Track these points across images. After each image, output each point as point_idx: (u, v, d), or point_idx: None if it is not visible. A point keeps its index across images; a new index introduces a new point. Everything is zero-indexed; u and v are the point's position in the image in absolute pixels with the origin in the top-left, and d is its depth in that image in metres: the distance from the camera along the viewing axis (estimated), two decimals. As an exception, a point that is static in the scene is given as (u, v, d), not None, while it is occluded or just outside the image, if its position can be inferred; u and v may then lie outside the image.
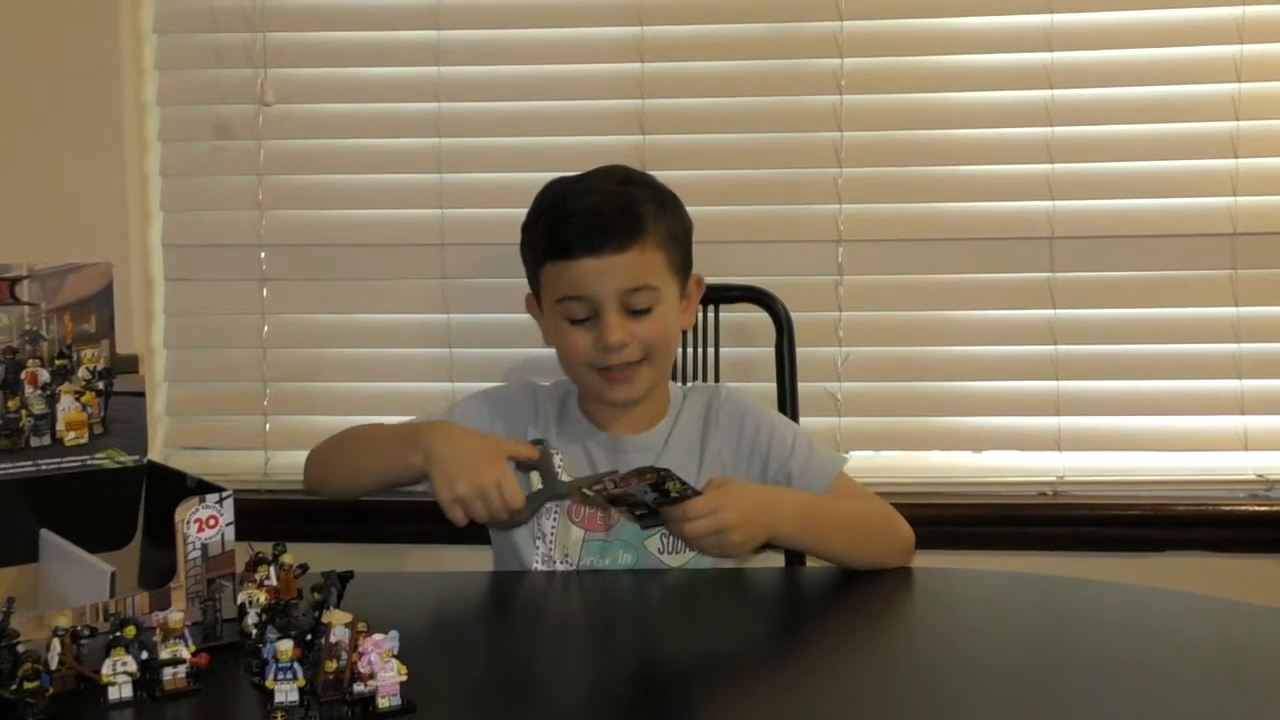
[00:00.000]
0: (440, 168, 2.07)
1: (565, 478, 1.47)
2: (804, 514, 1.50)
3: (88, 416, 1.36)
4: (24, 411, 1.33)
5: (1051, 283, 2.01)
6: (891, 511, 1.57)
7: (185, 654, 1.13)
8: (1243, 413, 1.99)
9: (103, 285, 1.36)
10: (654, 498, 1.37)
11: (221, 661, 1.17)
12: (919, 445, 2.10)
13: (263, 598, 1.24)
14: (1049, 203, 1.99)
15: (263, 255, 2.09)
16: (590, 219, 1.52)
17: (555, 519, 1.57)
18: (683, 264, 1.60)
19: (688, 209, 1.64)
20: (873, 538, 1.53)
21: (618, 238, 1.51)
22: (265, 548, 1.30)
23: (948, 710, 1.13)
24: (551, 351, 1.63)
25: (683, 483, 1.35)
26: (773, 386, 1.88)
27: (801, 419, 1.87)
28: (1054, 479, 2.02)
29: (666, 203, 1.59)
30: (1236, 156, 1.96)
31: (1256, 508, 1.98)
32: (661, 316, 1.55)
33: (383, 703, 1.07)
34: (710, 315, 1.89)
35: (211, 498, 1.23)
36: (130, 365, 1.39)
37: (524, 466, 1.46)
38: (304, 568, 1.29)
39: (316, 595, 1.21)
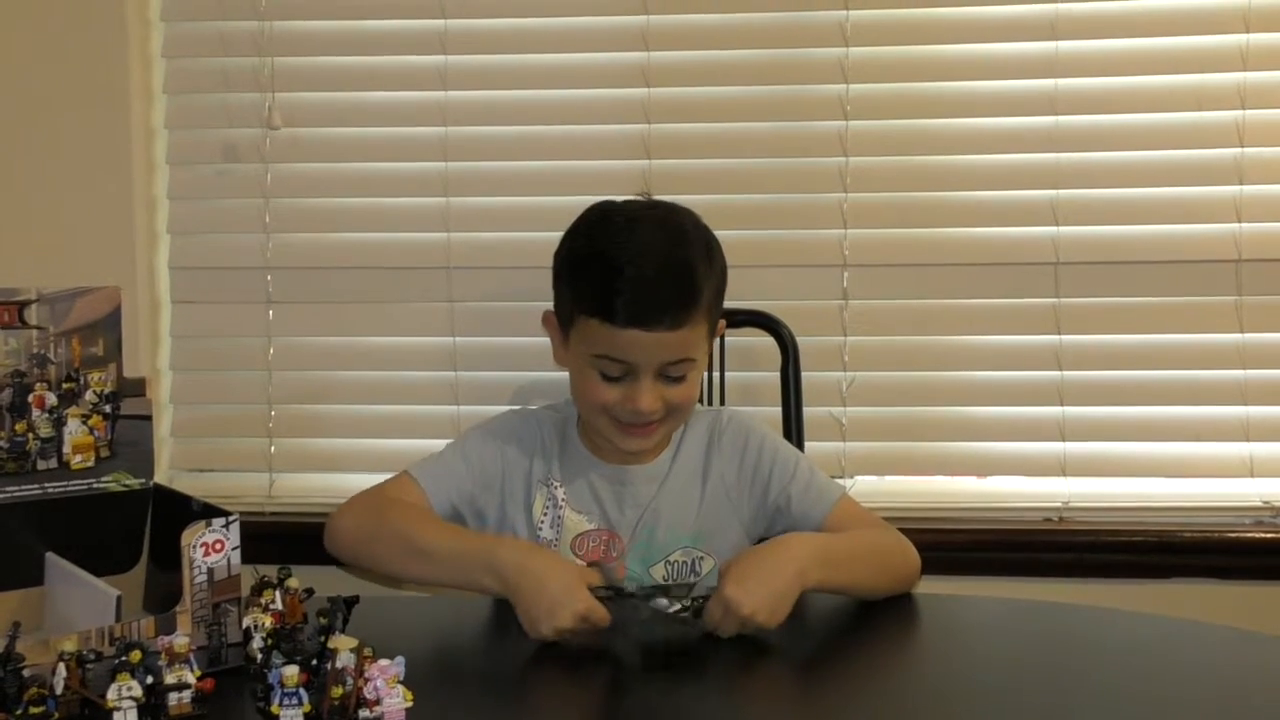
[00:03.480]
0: (447, 191, 2.07)
1: (629, 587, 1.43)
2: (822, 556, 1.44)
3: (94, 440, 1.36)
4: (31, 435, 1.33)
5: (1056, 308, 2.01)
6: (899, 536, 1.55)
7: (190, 679, 1.12)
8: (1248, 439, 1.99)
9: (111, 309, 1.37)
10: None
11: (226, 686, 1.17)
12: (924, 470, 2.10)
13: (268, 622, 1.24)
14: (1054, 228, 2.00)
15: (269, 278, 2.10)
16: (645, 292, 1.46)
17: (555, 551, 1.57)
18: (718, 319, 1.58)
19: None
20: (887, 567, 1.51)
21: (671, 316, 1.46)
22: (270, 571, 1.30)
23: (954, 738, 1.13)
24: (558, 375, 1.62)
25: (684, 594, 1.37)
26: (778, 411, 1.88)
27: (806, 443, 1.87)
28: (1059, 505, 2.01)
29: (714, 255, 1.55)
30: (1241, 183, 1.96)
31: (1263, 535, 1.98)
32: (692, 382, 1.53)
33: (388, 729, 1.07)
34: (715, 340, 1.88)
35: (218, 522, 1.23)
36: (137, 388, 1.39)
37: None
38: (309, 592, 1.29)
39: (322, 620, 1.21)
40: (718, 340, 1.86)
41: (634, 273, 1.47)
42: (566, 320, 1.55)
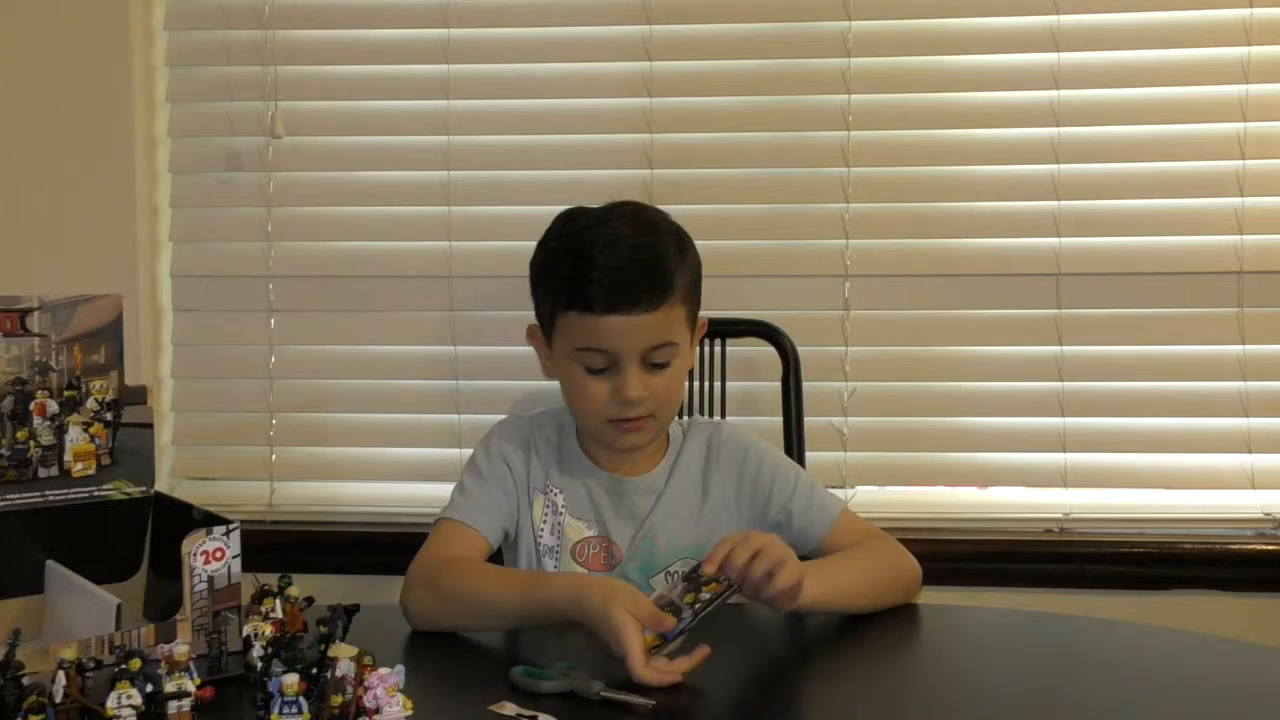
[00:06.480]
0: (449, 200, 2.07)
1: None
2: (823, 577, 1.42)
3: (96, 448, 1.36)
4: (32, 442, 1.33)
5: (1058, 319, 2.01)
6: (897, 549, 1.55)
7: (190, 687, 1.12)
8: (1249, 451, 1.99)
9: (113, 317, 1.37)
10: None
11: (226, 695, 1.17)
12: (925, 481, 2.10)
13: (268, 630, 1.24)
14: (1055, 239, 2.00)
15: (271, 286, 2.10)
16: (620, 277, 1.48)
17: (557, 563, 1.57)
18: (696, 310, 1.59)
19: (695, 243, 1.63)
20: (881, 583, 1.50)
21: (647, 299, 1.48)
22: (271, 580, 1.30)
23: (954, 750, 1.13)
24: (555, 385, 1.62)
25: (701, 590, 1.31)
26: (779, 421, 1.88)
27: (807, 454, 1.86)
28: (1060, 515, 2.01)
29: (685, 247, 1.57)
30: (1242, 195, 1.96)
31: (1264, 546, 1.97)
32: (676, 371, 1.54)
33: (387, 738, 1.07)
34: (716, 349, 1.89)
35: (219, 530, 1.23)
36: (139, 396, 1.39)
37: None
38: (309, 600, 1.29)
39: (322, 628, 1.20)
40: (719, 348, 1.88)
41: (606, 260, 1.49)
42: (548, 323, 1.57)
